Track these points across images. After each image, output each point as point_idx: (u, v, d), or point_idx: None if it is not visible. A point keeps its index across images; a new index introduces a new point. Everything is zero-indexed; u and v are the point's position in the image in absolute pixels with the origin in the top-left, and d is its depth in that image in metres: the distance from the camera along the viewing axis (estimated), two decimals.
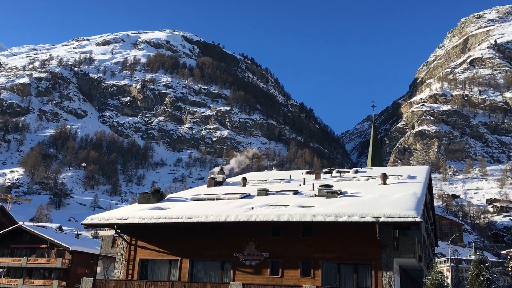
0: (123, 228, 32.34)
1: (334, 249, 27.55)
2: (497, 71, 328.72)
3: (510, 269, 78.41)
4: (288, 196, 33.79)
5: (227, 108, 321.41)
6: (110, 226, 33.24)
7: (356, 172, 46.44)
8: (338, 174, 45.70)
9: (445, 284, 25.86)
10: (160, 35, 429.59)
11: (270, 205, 30.39)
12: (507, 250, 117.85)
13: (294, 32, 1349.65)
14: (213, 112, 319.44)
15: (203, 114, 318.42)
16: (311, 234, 28.55)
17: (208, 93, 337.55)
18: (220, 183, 44.16)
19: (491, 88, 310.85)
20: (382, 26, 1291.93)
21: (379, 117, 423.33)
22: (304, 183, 39.95)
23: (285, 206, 29.82)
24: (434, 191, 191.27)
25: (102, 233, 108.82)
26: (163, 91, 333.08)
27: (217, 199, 34.83)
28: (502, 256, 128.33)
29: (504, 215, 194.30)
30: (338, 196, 31.41)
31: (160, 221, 29.95)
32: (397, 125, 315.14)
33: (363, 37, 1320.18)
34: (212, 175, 46.24)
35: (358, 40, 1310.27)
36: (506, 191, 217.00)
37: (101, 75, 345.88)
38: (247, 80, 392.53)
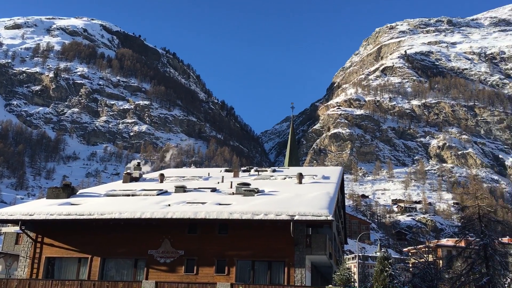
0: (28, 224, 30.42)
1: (250, 247, 27.95)
2: (406, 80, 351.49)
3: (410, 265, 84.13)
4: (206, 194, 33.72)
5: (146, 102, 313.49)
6: (14, 222, 31.23)
7: (274, 171, 47.42)
8: (256, 173, 46.40)
9: (352, 280, 27.23)
10: (76, 22, 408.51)
11: (187, 202, 30.14)
12: (409, 248, 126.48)
13: (218, 31, 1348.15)
14: (132, 106, 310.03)
15: (121, 108, 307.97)
16: (228, 231, 28.73)
17: (127, 86, 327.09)
18: (136, 179, 43.03)
19: (400, 96, 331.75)
20: (303, 30, 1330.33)
21: (298, 118, 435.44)
22: (222, 181, 40.09)
23: (203, 203, 29.74)
24: (345, 191, 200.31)
25: (4, 229, 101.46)
26: (78, 82, 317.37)
27: (133, 195, 33.90)
28: (404, 253, 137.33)
29: (407, 214, 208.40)
30: (256, 195, 31.88)
31: (70, 217, 28.57)
32: (314, 127, 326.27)
33: (285, 40, 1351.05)
34: (128, 171, 44.90)
35: (281, 43, 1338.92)
36: (409, 192, 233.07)
37: (9, 60, 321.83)
38: (168, 75, 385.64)
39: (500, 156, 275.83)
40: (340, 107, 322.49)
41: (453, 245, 67.38)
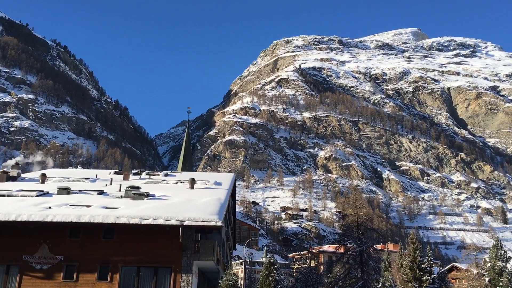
0: None
1: (136, 252, 27.13)
2: (299, 93, 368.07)
3: (294, 270, 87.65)
4: (92, 196, 32.14)
5: (31, 96, 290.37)
6: None
7: (166, 175, 46.66)
8: (148, 176, 45.26)
9: (238, 285, 27.67)
10: None
11: (70, 205, 28.47)
12: (294, 253, 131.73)
13: (116, 30, 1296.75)
14: (14, 99, 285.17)
15: (1, 100, 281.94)
16: (114, 236, 27.63)
17: (10, 77, 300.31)
18: (14, 178, 39.64)
19: (293, 107, 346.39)
20: (204, 38, 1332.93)
21: (194, 123, 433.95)
22: (111, 184, 38.49)
23: (88, 206, 28.30)
24: (237, 198, 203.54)
25: None
26: None
27: (8, 195, 31.17)
28: (289, 259, 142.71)
29: (294, 221, 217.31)
30: (145, 199, 31.10)
31: None
32: (210, 133, 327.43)
33: (185, 46, 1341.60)
34: (5, 169, 41.22)
35: (181, 49, 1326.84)
36: (297, 200, 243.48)
37: None
38: (58, 69, 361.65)
39: (378, 169, 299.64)
40: (236, 115, 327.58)
41: (333, 251, 71.40)
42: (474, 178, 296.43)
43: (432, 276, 59.38)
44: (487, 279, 50.27)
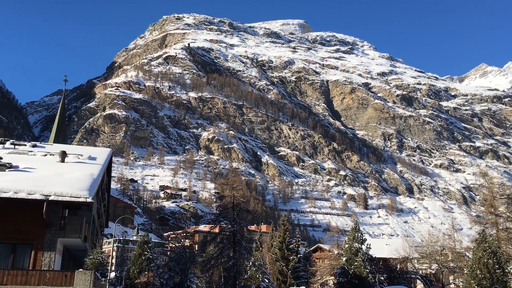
0: None
1: None
2: (186, 72, 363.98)
3: (168, 248, 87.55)
4: None
5: None
6: None
7: (34, 146, 43.21)
8: (12, 146, 41.53)
9: (105, 263, 26.85)
10: None
11: None
12: (169, 232, 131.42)
13: None
14: None
15: None
16: None
17: None
18: None
19: (179, 86, 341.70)
20: (90, 5, 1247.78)
21: (71, 93, 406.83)
22: None
23: None
24: (114, 174, 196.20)
25: None
26: None
27: None
28: (164, 238, 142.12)
29: (172, 201, 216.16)
30: (7, 170, 28.58)
31: None
32: (89, 105, 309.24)
33: (66, 11, 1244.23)
34: None
35: (61, 11, 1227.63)
36: (177, 180, 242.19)
37: None
38: None
39: (258, 153, 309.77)
40: (119, 88, 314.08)
41: (209, 231, 72.66)
42: (343, 166, 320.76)
43: (299, 256, 63.57)
44: (344, 258, 55.04)
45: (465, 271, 48.81)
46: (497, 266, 42.60)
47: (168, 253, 78.02)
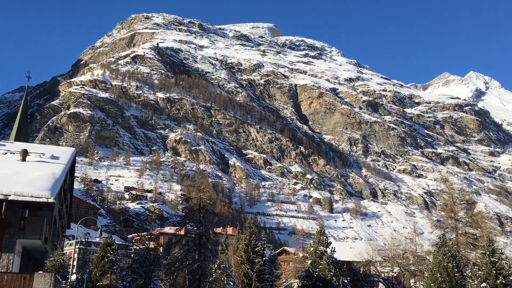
0: None
1: None
2: (154, 72, 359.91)
3: (132, 251, 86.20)
4: None
5: None
6: None
7: None
8: None
9: (66, 265, 26.17)
10: None
11: None
12: (134, 234, 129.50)
13: None
14: None
15: None
16: None
17: None
18: None
19: (147, 86, 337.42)
20: (57, 3, 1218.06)
21: (34, 91, 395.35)
22: None
23: None
24: (77, 175, 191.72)
25: None
26: None
27: None
28: (128, 240, 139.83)
29: (137, 202, 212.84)
30: None
31: None
32: (52, 103, 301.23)
33: (35, 7, 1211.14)
34: None
35: (24, 7, 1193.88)
36: (143, 181, 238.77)
37: None
38: None
39: (225, 155, 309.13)
40: (85, 87, 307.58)
41: (174, 233, 71.87)
42: (309, 170, 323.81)
43: (264, 258, 63.62)
44: (309, 261, 55.47)
45: (426, 275, 50.01)
46: (456, 270, 43.86)
47: (132, 255, 76.72)
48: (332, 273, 53.66)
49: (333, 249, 56.77)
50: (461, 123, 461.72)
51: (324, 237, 56.14)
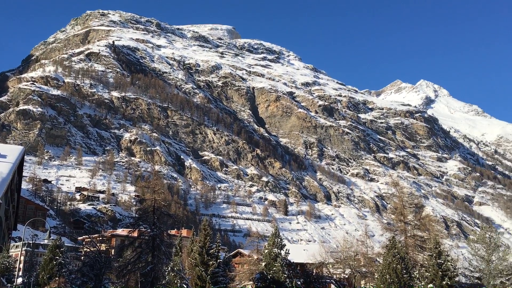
0: None
1: None
2: (110, 70, 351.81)
3: (82, 253, 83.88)
4: None
5: None
6: None
7: None
8: None
9: (12, 268, 25.17)
10: None
11: None
12: (84, 236, 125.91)
13: None
14: None
15: None
16: None
17: None
18: None
19: (102, 84, 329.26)
20: None
21: None
22: None
23: None
24: (26, 174, 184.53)
25: None
26: None
27: None
28: (79, 242, 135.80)
29: (89, 203, 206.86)
30: None
31: None
32: (0, 99, 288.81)
33: None
34: None
35: None
36: (95, 181, 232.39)
37: None
38: None
39: (181, 157, 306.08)
40: (35, 83, 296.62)
41: (127, 235, 70.52)
42: (265, 172, 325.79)
43: (219, 261, 63.48)
44: (263, 263, 55.85)
45: (376, 276, 51.45)
46: (404, 271, 45.38)
47: (82, 258, 74.67)
48: (285, 275, 54.23)
49: (287, 251, 57.38)
50: (411, 129, 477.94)
51: (279, 239, 56.69)
